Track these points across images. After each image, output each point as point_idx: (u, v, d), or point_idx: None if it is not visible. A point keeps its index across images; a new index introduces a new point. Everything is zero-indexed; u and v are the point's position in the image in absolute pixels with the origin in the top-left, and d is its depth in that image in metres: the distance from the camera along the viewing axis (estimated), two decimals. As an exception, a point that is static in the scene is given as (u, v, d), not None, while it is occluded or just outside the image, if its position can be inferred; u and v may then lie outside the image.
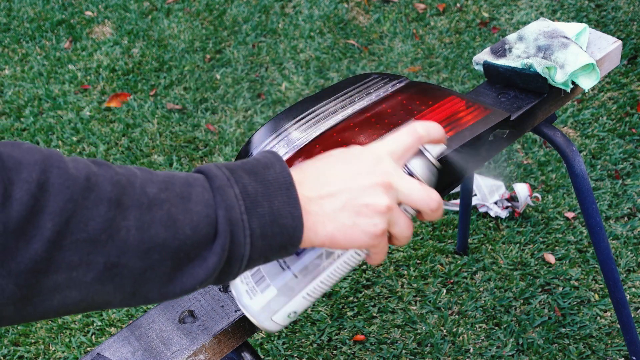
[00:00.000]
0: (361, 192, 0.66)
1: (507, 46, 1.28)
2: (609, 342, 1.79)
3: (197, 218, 0.59)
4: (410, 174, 0.72)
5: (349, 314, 1.92)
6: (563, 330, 1.82)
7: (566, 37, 1.25)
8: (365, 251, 0.71)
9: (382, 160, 0.68)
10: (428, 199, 0.69)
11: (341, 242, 0.66)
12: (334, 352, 1.85)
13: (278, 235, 0.63)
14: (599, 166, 2.21)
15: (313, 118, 1.09)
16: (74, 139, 2.53)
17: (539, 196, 2.14)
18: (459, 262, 2.00)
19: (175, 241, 0.59)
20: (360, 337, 1.86)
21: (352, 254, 0.72)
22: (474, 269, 1.99)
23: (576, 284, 1.93)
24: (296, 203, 0.63)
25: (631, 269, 1.94)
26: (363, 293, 1.97)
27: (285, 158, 1.03)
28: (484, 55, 1.29)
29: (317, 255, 0.72)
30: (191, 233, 0.59)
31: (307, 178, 0.67)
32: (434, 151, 0.74)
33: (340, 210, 0.66)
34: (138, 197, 0.58)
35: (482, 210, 2.12)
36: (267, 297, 0.73)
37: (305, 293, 0.73)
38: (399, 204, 0.69)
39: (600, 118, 2.37)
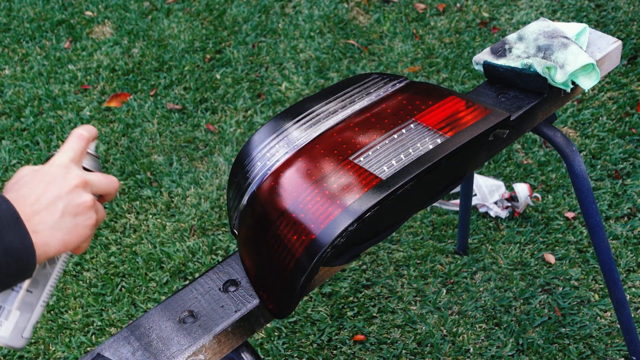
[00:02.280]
0: (70, 196, 0.79)
1: (507, 46, 1.28)
2: (609, 342, 1.79)
3: None
4: (87, 169, 0.87)
5: (349, 314, 1.92)
6: (563, 330, 1.82)
7: (566, 37, 1.25)
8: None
9: (69, 167, 0.82)
10: (112, 183, 0.86)
11: (73, 243, 0.79)
12: (334, 352, 1.85)
13: (13, 265, 0.72)
14: (599, 166, 2.21)
15: (313, 118, 1.09)
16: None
17: (539, 196, 2.14)
18: (459, 262, 2.00)
19: None
20: (360, 337, 1.86)
21: (66, 254, 0.86)
22: (474, 269, 1.99)
23: (576, 284, 1.93)
24: (25, 233, 0.73)
25: (631, 269, 1.94)
26: (363, 293, 1.97)
27: (285, 158, 1.03)
28: (484, 55, 1.29)
29: (41, 265, 0.83)
30: None
31: (21, 197, 0.77)
32: (91, 148, 0.90)
33: (61, 218, 0.78)
34: None
35: (482, 210, 2.12)
36: (13, 321, 0.82)
37: (42, 302, 0.84)
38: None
39: (600, 118, 2.37)
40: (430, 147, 1.01)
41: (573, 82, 1.23)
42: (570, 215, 2.09)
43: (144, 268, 2.08)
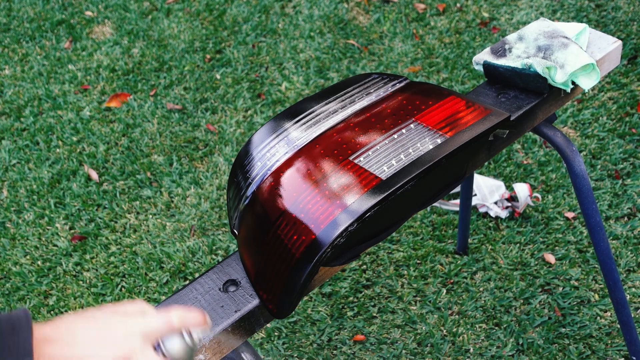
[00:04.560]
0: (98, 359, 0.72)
1: (507, 46, 1.28)
2: (609, 342, 1.79)
3: None
4: (159, 349, 0.77)
5: (349, 314, 1.92)
6: (563, 330, 1.82)
7: (566, 37, 1.25)
8: None
9: (131, 335, 0.75)
10: None
11: None
12: (334, 352, 1.85)
13: None
14: (599, 166, 2.21)
15: (313, 118, 1.09)
16: (74, 139, 2.53)
17: (539, 196, 2.14)
18: (459, 262, 2.00)
19: None
20: (360, 337, 1.86)
21: None
22: (474, 269, 1.99)
23: (576, 284, 1.93)
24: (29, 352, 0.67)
25: (631, 269, 1.94)
26: (363, 293, 1.97)
27: (285, 158, 1.03)
28: (484, 55, 1.29)
29: None
30: None
31: (58, 337, 0.72)
32: (195, 334, 0.80)
33: None
34: None
35: (482, 210, 2.12)
36: None
37: None
38: None
39: (600, 118, 2.37)
40: (430, 147, 1.01)
41: (573, 82, 1.23)
42: (570, 215, 2.09)
43: (144, 268, 2.08)
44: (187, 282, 1.73)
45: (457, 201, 2.14)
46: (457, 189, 2.14)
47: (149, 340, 0.76)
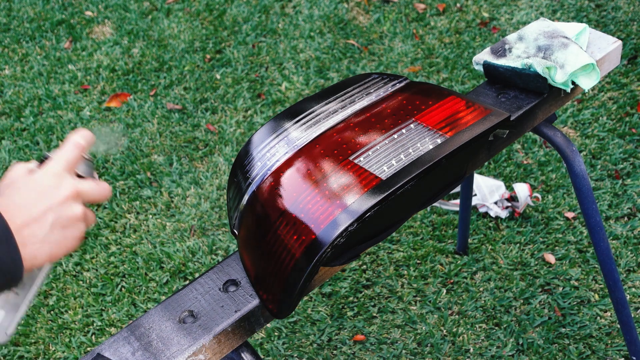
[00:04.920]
0: (61, 208, 0.79)
1: (507, 46, 1.28)
2: (609, 342, 1.79)
3: None
4: (80, 176, 0.87)
5: (349, 314, 1.92)
6: (563, 330, 1.82)
7: (566, 37, 1.25)
8: None
9: (62, 176, 0.81)
10: (104, 191, 0.85)
11: (60, 255, 0.79)
12: (334, 352, 1.85)
13: (0, 277, 0.73)
14: (599, 166, 2.21)
15: (313, 118, 1.09)
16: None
17: (539, 196, 2.14)
18: (459, 262, 2.00)
19: None
20: (360, 337, 1.86)
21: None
22: (474, 269, 1.99)
23: (576, 284, 1.93)
24: (15, 248, 0.74)
25: (631, 269, 1.94)
26: (363, 293, 1.97)
27: (285, 158, 1.03)
28: (484, 55, 1.29)
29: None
30: None
31: (13, 206, 0.77)
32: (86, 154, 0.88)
33: (50, 231, 0.78)
34: None
35: (482, 210, 2.12)
36: None
37: (27, 302, 0.86)
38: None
39: (600, 118, 2.37)
40: (430, 147, 1.01)
41: (573, 82, 1.23)
42: (570, 215, 2.09)
43: (144, 268, 2.08)
44: (187, 282, 1.73)
45: (457, 201, 2.14)
46: (457, 189, 2.14)
47: (72, 172, 0.84)
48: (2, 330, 0.86)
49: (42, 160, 0.86)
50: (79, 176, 0.87)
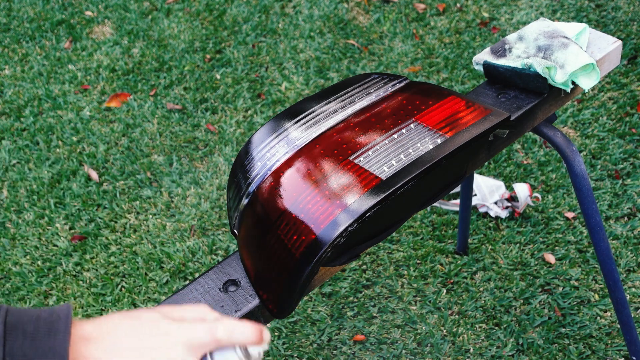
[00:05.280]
0: None
1: (507, 46, 1.28)
2: (609, 342, 1.79)
3: None
4: None
5: (349, 314, 1.92)
6: (563, 330, 1.82)
7: (566, 37, 1.25)
8: None
9: (175, 346, 0.68)
10: None
11: None
12: (334, 352, 1.85)
13: None
14: (599, 166, 2.21)
15: (313, 118, 1.09)
16: (74, 139, 2.53)
17: (539, 196, 2.14)
18: (459, 262, 2.00)
19: None
20: (360, 337, 1.86)
21: None
22: (474, 269, 1.99)
23: (576, 284, 1.93)
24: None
25: (631, 269, 1.94)
26: (363, 293, 1.97)
27: (285, 158, 1.03)
28: (484, 55, 1.29)
29: None
30: None
31: (99, 337, 0.67)
32: (252, 350, 0.69)
33: None
34: None
35: (482, 210, 2.12)
36: None
37: None
38: None
39: (600, 118, 2.37)
40: (430, 147, 1.01)
41: (573, 82, 1.23)
42: (570, 215, 2.09)
43: (144, 268, 2.08)
44: (187, 282, 1.73)
45: (457, 201, 2.14)
46: (457, 189, 2.14)
47: (194, 352, 0.69)
48: None
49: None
50: None
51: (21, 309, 0.66)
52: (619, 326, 1.79)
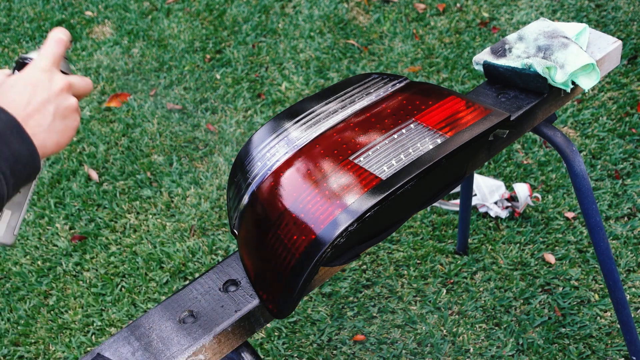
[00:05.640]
0: (58, 99, 0.83)
1: (507, 46, 1.28)
2: (609, 342, 1.79)
3: None
4: (64, 73, 0.89)
5: (349, 314, 1.92)
6: (563, 330, 1.83)
7: (566, 37, 1.25)
8: None
9: (52, 71, 0.84)
10: (89, 84, 0.89)
11: (64, 144, 0.84)
12: (334, 352, 1.85)
13: (23, 170, 0.77)
14: (599, 166, 2.21)
15: (313, 118, 1.09)
16: (74, 139, 2.53)
17: (539, 196, 2.14)
18: (459, 262, 2.00)
19: None
20: (360, 337, 1.86)
21: None
22: (474, 269, 1.99)
23: (576, 284, 1.93)
24: (28, 139, 0.78)
25: (631, 269, 1.94)
26: (363, 293, 1.97)
27: (285, 158, 1.03)
28: (484, 55, 1.29)
29: None
30: None
31: (12, 102, 0.80)
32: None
33: (53, 121, 0.81)
34: None
35: (482, 210, 2.12)
36: (6, 220, 0.88)
37: (28, 199, 0.89)
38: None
39: (600, 118, 2.37)
40: (430, 147, 1.01)
41: (573, 82, 1.23)
42: (570, 215, 2.09)
43: (144, 268, 2.08)
44: (187, 282, 1.73)
45: (457, 201, 2.14)
46: (457, 189, 2.14)
47: (58, 67, 0.87)
48: (11, 231, 0.88)
49: (21, 64, 0.88)
50: (63, 72, 0.89)
51: None
52: (619, 326, 1.79)
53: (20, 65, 0.88)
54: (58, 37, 0.88)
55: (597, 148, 2.27)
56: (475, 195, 2.12)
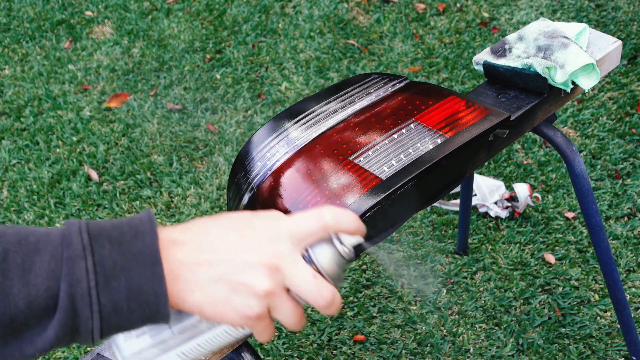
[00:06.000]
0: (242, 267, 0.61)
1: (507, 46, 1.28)
2: (609, 342, 1.79)
3: (34, 292, 0.57)
4: (310, 261, 0.64)
5: (349, 314, 1.92)
6: (563, 330, 1.82)
7: (566, 37, 1.25)
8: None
9: (278, 239, 0.62)
10: (318, 294, 0.61)
11: (209, 315, 0.62)
12: (334, 352, 1.85)
13: (137, 310, 0.59)
14: (599, 166, 2.21)
15: (313, 118, 1.09)
16: (74, 139, 2.53)
17: (539, 196, 2.14)
18: (459, 262, 2.00)
19: (6, 314, 0.57)
20: (360, 337, 1.87)
21: (232, 327, 0.66)
22: (474, 269, 1.99)
23: (576, 284, 1.93)
24: (160, 280, 0.59)
25: (631, 269, 1.94)
26: (363, 293, 1.97)
27: (285, 158, 1.03)
28: (484, 55, 1.29)
29: (197, 317, 0.67)
30: (25, 307, 0.57)
31: (189, 240, 0.62)
32: (347, 241, 0.65)
33: (214, 282, 0.60)
34: None
35: (482, 210, 2.12)
36: (141, 345, 0.68)
37: (179, 351, 0.69)
38: (289, 289, 0.62)
39: (600, 118, 2.37)
40: (430, 147, 1.01)
41: (573, 82, 1.23)
42: (570, 215, 2.09)
43: (144, 268, 2.08)
44: (187, 282, 1.72)
45: (457, 201, 2.14)
46: (457, 189, 2.14)
47: (298, 245, 0.63)
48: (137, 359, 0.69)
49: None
50: (309, 260, 0.64)
51: (100, 220, 0.62)
52: (619, 326, 1.79)
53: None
54: (321, 215, 0.63)
55: (597, 148, 2.27)
56: (475, 195, 2.12)
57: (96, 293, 0.58)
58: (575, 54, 1.21)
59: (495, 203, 2.11)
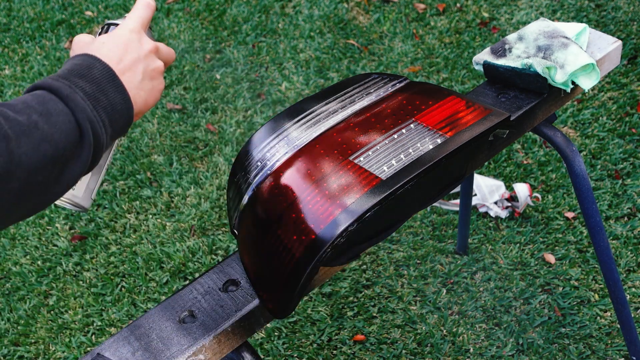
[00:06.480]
0: (147, 60, 0.83)
1: (507, 46, 1.28)
2: (609, 342, 1.79)
3: (65, 128, 0.72)
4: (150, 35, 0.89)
5: (349, 314, 1.92)
6: (563, 330, 1.82)
7: (566, 37, 1.25)
8: None
9: (141, 33, 0.85)
10: (172, 52, 0.91)
11: (151, 104, 0.84)
12: (334, 352, 1.85)
13: (120, 119, 0.78)
14: (599, 166, 2.21)
15: (313, 118, 1.09)
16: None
17: (539, 196, 2.14)
18: (459, 262, 2.00)
19: (58, 151, 0.71)
20: (360, 337, 1.86)
21: None
22: (474, 269, 1.99)
23: (576, 284, 1.93)
24: (123, 89, 0.78)
25: (631, 269, 1.94)
26: (363, 293, 1.97)
27: (285, 158, 1.03)
28: (484, 55, 1.29)
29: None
30: (64, 139, 0.71)
31: (104, 57, 0.80)
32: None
33: (142, 80, 0.82)
34: (19, 126, 0.68)
35: (482, 210, 2.12)
36: (84, 182, 0.87)
37: (107, 164, 0.89)
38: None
39: (600, 118, 2.37)
40: (430, 147, 1.01)
41: (573, 82, 1.23)
42: (570, 215, 2.09)
43: (144, 268, 2.08)
44: (187, 282, 1.73)
45: (457, 201, 2.14)
46: (457, 189, 2.14)
47: (146, 31, 0.88)
48: (88, 194, 0.88)
49: (106, 28, 0.88)
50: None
51: (57, 71, 0.79)
52: (619, 326, 1.79)
53: (107, 29, 0.88)
54: (146, 1, 0.88)
55: (597, 148, 2.27)
56: (475, 195, 2.12)
57: (97, 113, 0.75)
58: (575, 54, 1.21)
59: (495, 203, 2.11)
